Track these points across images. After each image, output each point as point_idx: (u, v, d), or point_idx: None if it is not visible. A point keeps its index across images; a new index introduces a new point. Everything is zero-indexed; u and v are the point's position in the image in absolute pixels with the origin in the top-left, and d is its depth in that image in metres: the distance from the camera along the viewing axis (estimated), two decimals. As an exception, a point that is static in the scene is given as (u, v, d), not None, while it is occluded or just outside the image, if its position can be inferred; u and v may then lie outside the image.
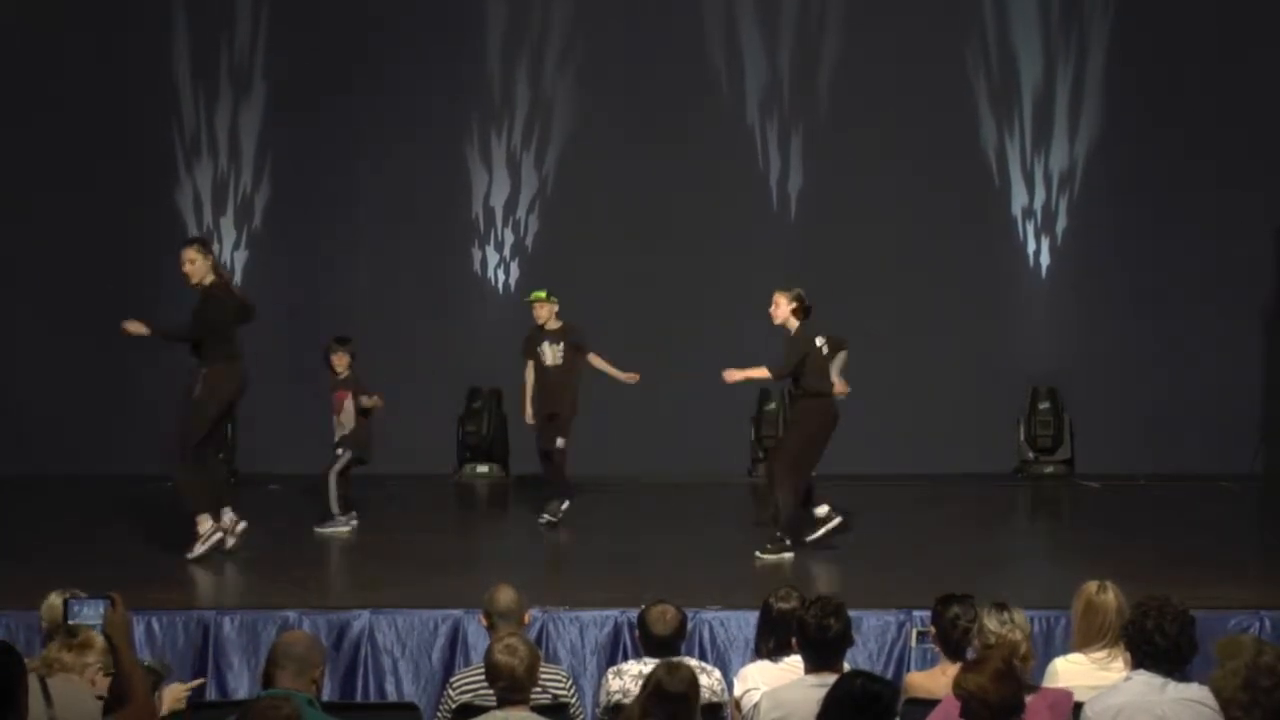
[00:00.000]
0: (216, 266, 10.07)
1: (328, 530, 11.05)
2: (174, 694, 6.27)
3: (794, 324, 10.26)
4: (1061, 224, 14.77)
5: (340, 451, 11.22)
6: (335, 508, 11.11)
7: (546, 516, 11.32)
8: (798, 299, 10.27)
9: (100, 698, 5.89)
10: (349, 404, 11.26)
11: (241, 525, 9.98)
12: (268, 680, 5.42)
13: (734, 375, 10.42)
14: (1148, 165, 14.45)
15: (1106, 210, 14.61)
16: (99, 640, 5.95)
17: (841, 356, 10.41)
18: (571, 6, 14.80)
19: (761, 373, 10.39)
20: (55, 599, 6.43)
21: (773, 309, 10.33)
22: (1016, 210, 14.79)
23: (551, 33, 14.80)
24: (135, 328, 9.85)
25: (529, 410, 11.54)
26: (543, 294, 11.57)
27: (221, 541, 9.89)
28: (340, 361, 11.35)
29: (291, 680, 5.33)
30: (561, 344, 11.46)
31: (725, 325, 14.47)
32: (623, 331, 14.24)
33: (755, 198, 14.75)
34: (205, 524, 9.85)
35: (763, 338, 14.39)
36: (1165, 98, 14.44)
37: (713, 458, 14.07)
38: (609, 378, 11.63)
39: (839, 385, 10.33)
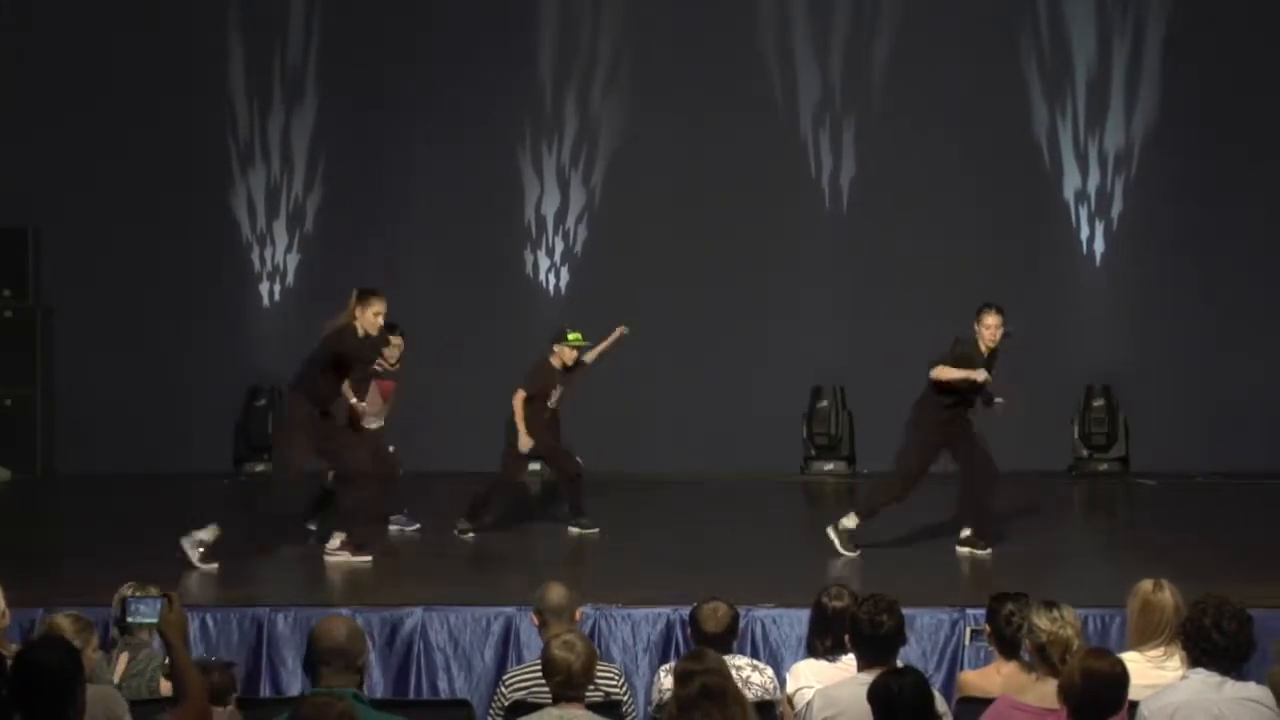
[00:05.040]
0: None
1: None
2: None
3: None
4: (1117, 207, 14.62)
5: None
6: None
7: (580, 531, 11.10)
8: None
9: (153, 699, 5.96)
10: (394, 394, 11.03)
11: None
12: (313, 675, 5.35)
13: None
14: (1206, 149, 14.27)
15: (1163, 193, 14.43)
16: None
17: None
18: (621, 11, 14.80)
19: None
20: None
21: (999, 330, 10.03)
22: (1069, 194, 14.64)
23: (602, 36, 14.81)
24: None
25: (527, 441, 10.88)
26: (580, 337, 11.02)
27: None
28: (391, 354, 11.00)
29: (337, 676, 5.29)
30: (561, 388, 11.01)
31: (778, 324, 14.47)
32: (675, 333, 14.27)
33: (806, 193, 14.72)
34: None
35: (815, 335, 14.43)
36: (1226, 77, 14.25)
37: (765, 456, 14.05)
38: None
39: None
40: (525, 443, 10.88)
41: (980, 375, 9.86)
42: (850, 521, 10.03)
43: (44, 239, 14.62)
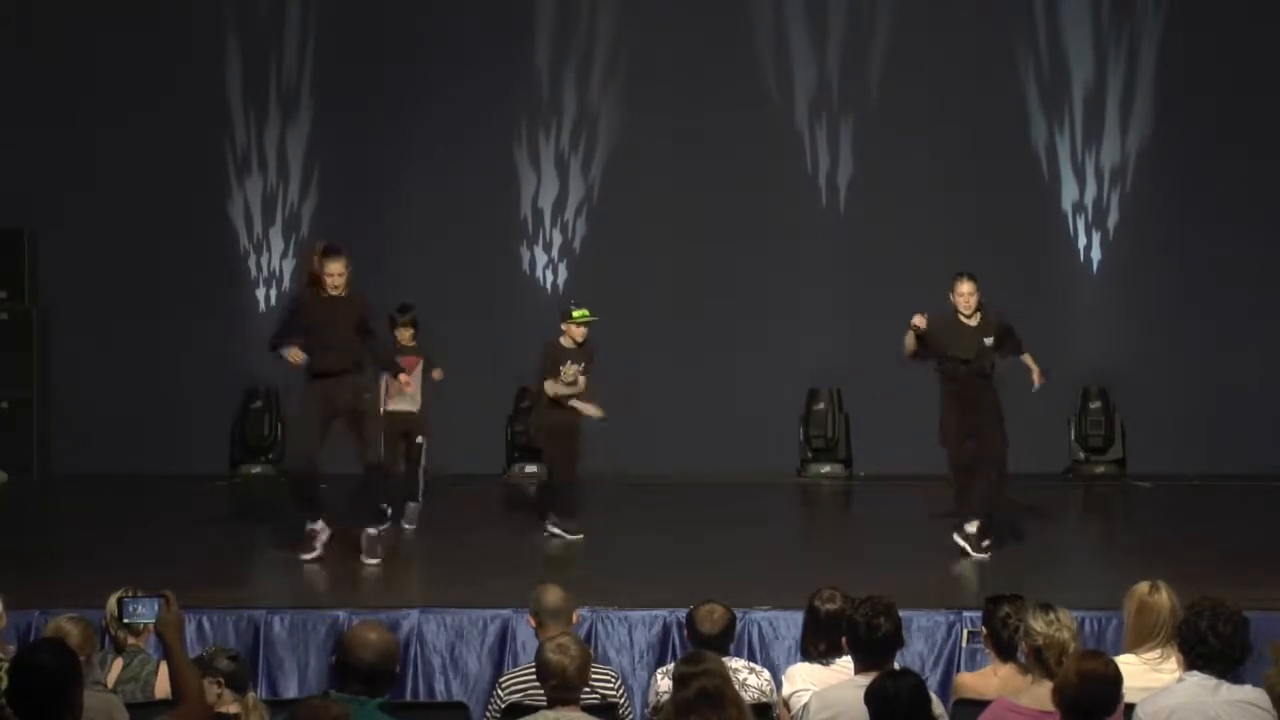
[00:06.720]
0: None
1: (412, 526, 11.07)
2: None
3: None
4: (1113, 219, 14.66)
5: (420, 441, 11.07)
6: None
7: (563, 532, 10.95)
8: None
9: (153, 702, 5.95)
10: (419, 370, 11.01)
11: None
12: (341, 682, 5.35)
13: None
14: (1201, 158, 14.32)
15: (1159, 204, 14.48)
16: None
17: None
18: (618, 8, 14.81)
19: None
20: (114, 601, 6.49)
21: (972, 297, 10.19)
22: (1067, 205, 14.68)
23: (599, 35, 14.82)
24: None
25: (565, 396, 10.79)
26: (586, 313, 10.74)
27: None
28: (404, 334, 11.11)
29: (367, 687, 5.30)
30: (582, 364, 10.80)
31: (776, 324, 14.47)
32: (672, 333, 14.27)
33: (804, 195, 14.72)
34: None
35: (813, 334, 14.43)
36: (1219, 89, 14.29)
37: (762, 457, 14.05)
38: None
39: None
40: (565, 381, 10.72)
41: (918, 320, 10.09)
42: (971, 527, 10.10)
43: (41, 240, 14.63)
